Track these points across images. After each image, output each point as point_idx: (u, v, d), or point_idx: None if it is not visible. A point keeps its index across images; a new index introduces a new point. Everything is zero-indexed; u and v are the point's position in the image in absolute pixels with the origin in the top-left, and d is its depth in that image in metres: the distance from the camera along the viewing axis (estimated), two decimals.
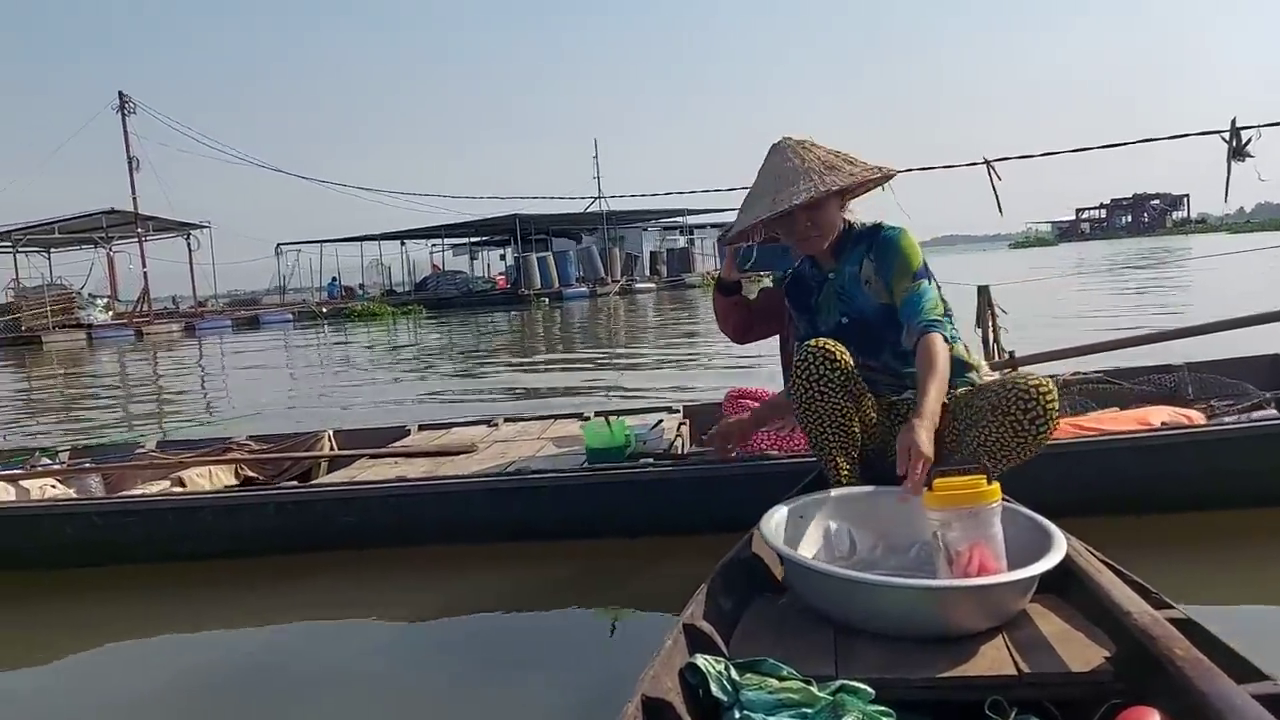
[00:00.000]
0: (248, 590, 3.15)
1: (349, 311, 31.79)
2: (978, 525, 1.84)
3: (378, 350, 16.55)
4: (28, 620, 3.08)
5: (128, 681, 2.55)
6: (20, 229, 31.96)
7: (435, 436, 4.17)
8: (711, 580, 1.91)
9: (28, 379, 15.70)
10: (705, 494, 3.08)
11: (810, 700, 1.47)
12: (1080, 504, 2.58)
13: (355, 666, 2.49)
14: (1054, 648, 1.65)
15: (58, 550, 3.28)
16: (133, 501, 3.44)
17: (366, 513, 3.20)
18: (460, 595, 2.91)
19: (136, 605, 3.10)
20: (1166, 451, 2.92)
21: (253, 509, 3.25)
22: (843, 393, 2.34)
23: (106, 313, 31.51)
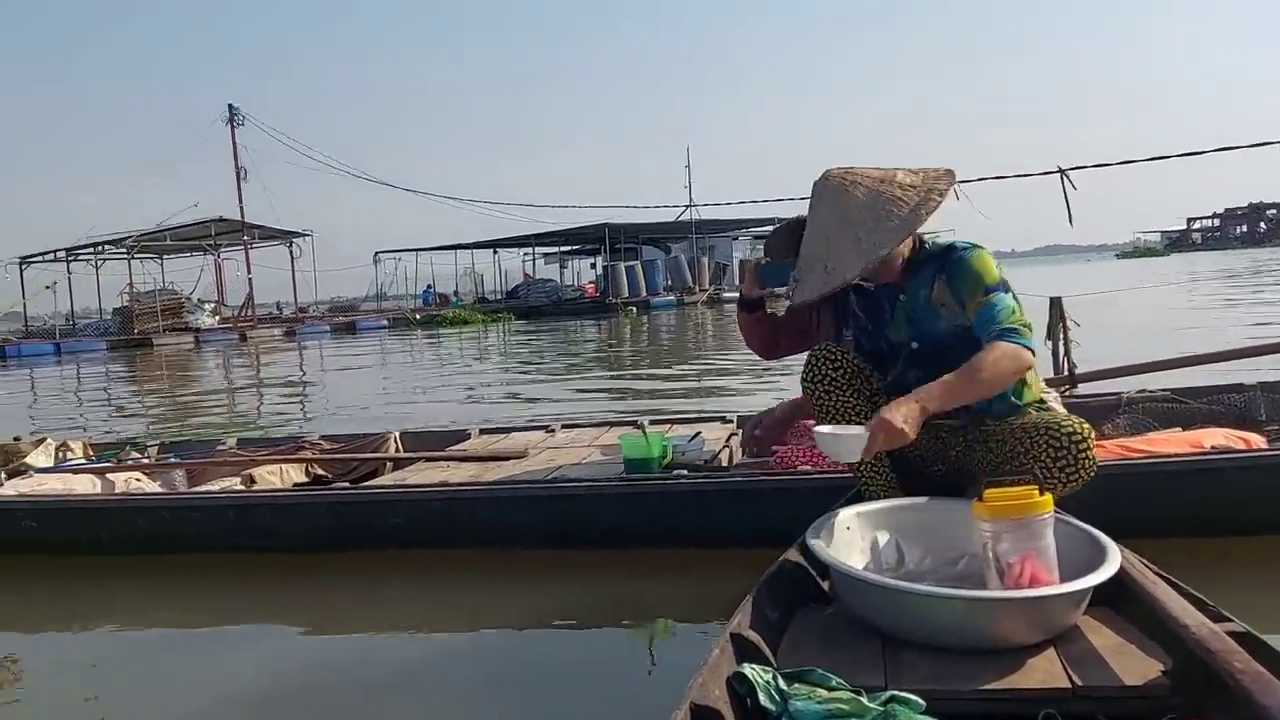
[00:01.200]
0: (300, 585, 3.29)
1: (441, 318, 32.50)
2: (1029, 536, 1.82)
3: (465, 356, 16.91)
4: (104, 602, 3.29)
5: (171, 663, 2.72)
6: (135, 236, 33.65)
7: (494, 441, 4.28)
8: (758, 590, 1.91)
9: (136, 379, 16.54)
10: (739, 507, 3.08)
11: (860, 710, 1.47)
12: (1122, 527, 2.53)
13: (395, 668, 2.56)
14: (1108, 661, 1.63)
15: (132, 540, 3.50)
16: (198, 497, 3.66)
17: (412, 514, 3.30)
18: (501, 601, 2.99)
19: (194, 594, 3.28)
20: (1209, 475, 2.83)
21: (307, 508, 3.42)
22: (850, 390, 2.38)
23: (213, 317, 32.81)
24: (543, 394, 9.58)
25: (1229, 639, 1.50)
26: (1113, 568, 1.76)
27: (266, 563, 3.42)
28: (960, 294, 2.36)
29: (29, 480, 3.95)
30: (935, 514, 2.16)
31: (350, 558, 3.38)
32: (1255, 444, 3.07)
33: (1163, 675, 1.56)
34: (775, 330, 3.25)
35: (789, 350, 3.28)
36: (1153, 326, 11.10)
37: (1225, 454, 2.94)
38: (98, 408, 11.58)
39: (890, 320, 2.51)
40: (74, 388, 15.30)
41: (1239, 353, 4.02)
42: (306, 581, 3.32)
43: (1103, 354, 5.67)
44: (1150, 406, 3.65)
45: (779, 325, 3.26)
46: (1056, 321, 6.78)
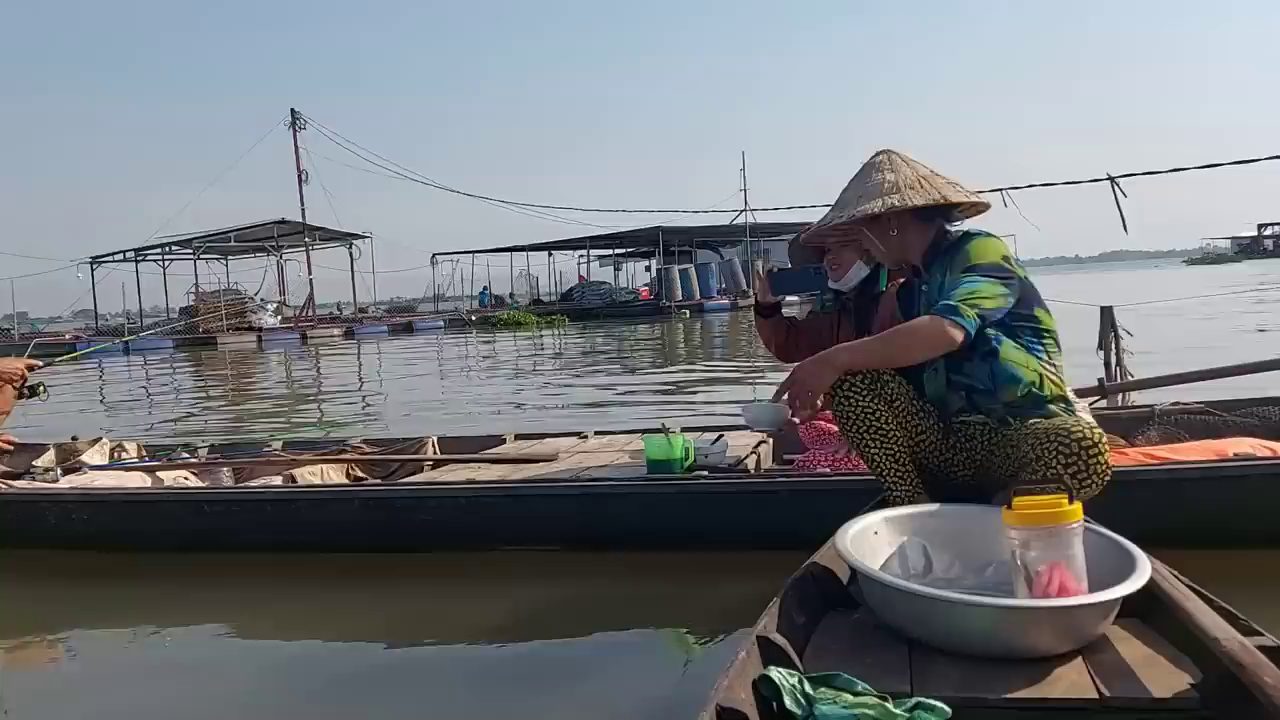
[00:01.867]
0: (333, 583, 3.34)
1: (496, 320, 32.86)
2: (1058, 545, 1.81)
3: (516, 358, 17.06)
4: (142, 597, 3.39)
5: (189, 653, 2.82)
6: (200, 238, 34.55)
7: (528, 445, 4.32)
8: (784, 593, 1.91)
9: (201, 376, 16.98)
10: (757, 509, 3.10)
11: (886, 716, 1.46)
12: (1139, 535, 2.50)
13: (419, 666, 2.60)
14: (1137, 672, 1.61)
15: (172, 534, 3.62)
16: (235, 491, 3.78)
17: (439, 511, 3.36)
18: (525, 600, 3.01)
19: (227, 590, 3.37)
20: (1230, 483, 2.79)
21: (341, 502, 3.50)
22: (870, 395, 2.37)
23: (275, 317, 33.52)
24: (588, 396, 9.64)
25: (1260, 654, 1.48)
26: (1142, 578, 1.74)
27: (300, 561, 3.49)
28: (954, 274, 2.41)
29: (83, 477, 4.09)
30: (964, 520, 2.15)
31: (382, 558, 3.44)
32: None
33: (1191, 688, 1.54)
34: (793, 336, 3.26)
35: (807, 354, 3.29)
36: (1217, 335, 10.78)
37: (1248, 461, 2.87)
38: (159, 405, 11.89)
39: (919, 311, 2.52)
40: (135, 385, 15.73)
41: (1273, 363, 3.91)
42: (339, 579, 3.37)
43: (1157, 365, 5.57)
44: (1183, 419, 3.60)
45: (800, 331, 3.27)
46: (1107, 331, 6.66)
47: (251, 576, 3.47)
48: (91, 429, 6.07)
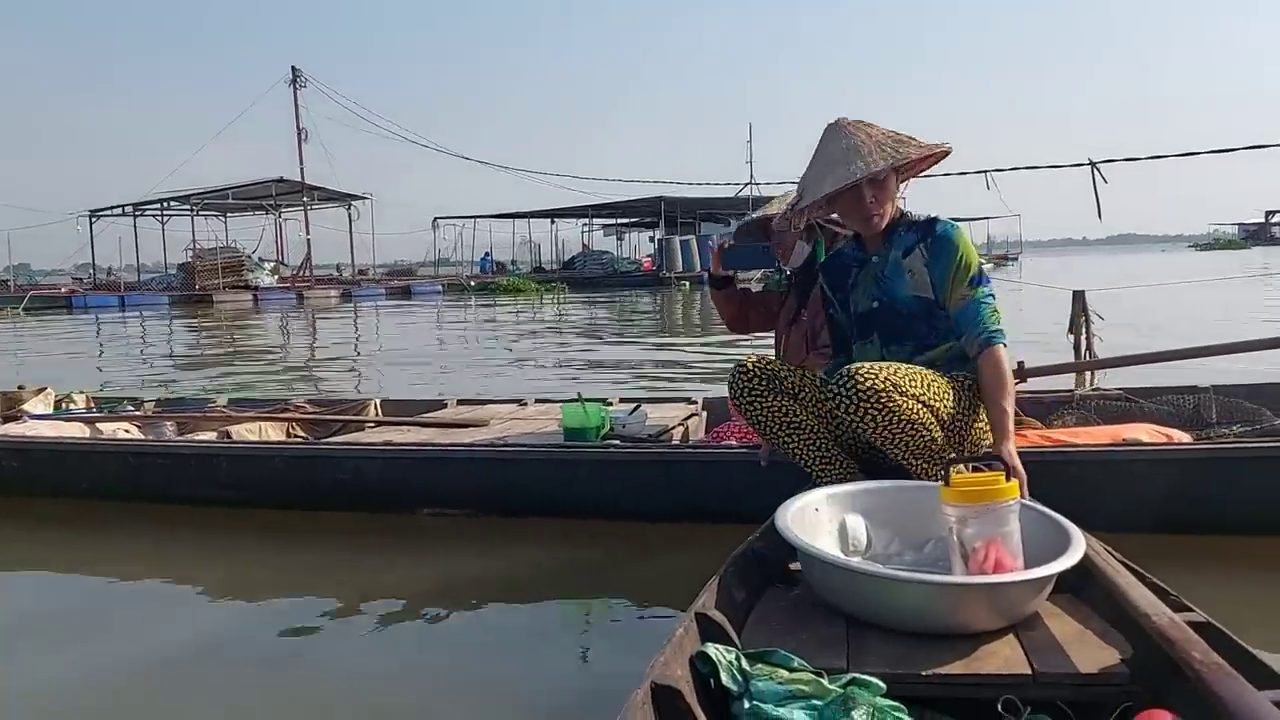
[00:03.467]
0: (250, 540, 3.34)
1: (495, 286, 32.75)
2: (994, 522, 1.83)
3: (510, 325, 16.99)
4: (68, 544, 3.39)
5: (96, 604, 2.80)
6: (198, 194, 34.37)
7: (467, 411, 4.31)
8: (724, 570, 1.93)
9: (193, 332, 16.94)
10: (664, 478, 3.13)
11: (821, 692, 1.47)
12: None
13: (328, 632, 2.53)
14: (1069, 648, 1.64)
15: (102, 484, 3.62)
16: (162, 444, 3.78)
17: (358, 472, 3.36)
18: (439, 565, 2.99)
19: (153, 541, 3.37)
20: (1109, 467, 2.80)
21: (262, 460, 3.51)
22: (771, 393, 2.49)
23: (272, 276, 33.41)
24: (565, 364, 9.58)
25: (1189, 629, 1.49)
26: (1076, 555, 1.76)
27: (223, 515, 3.48)
28: (942, 271, 2.46)
29: (21, 425, 4.05)
30: (904, 498, 2.18)
31: (303, 516, 3.43)
32: (1176, 439, 3.02)
33: (1122, 664, 1.57)
34: (745, 307, 3.30)
35: (759, 326, 3.36)
36: (1206, 322, 10.66)
37: (1131, 446, 2.88)
38: (145, 360, 11.89)
39: (854, 286, 2.61)
40: (126, 339, 15.71)
41: (1190, 352, 3.91)
42: (258, 535, 3.36)
43: (1126, 347, 5.50)
44: (1101, 405, 3.64)
45: (750, 302, 3.31)
46: (1078, 314, 6.61)
47: (174, 529, 3.46)
48: (72, 380, 6.06)
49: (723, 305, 3.29)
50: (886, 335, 2.54)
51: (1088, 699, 1.54)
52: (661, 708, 1.41)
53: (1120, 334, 6.49)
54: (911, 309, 2.51)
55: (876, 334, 2.55)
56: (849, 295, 2.64)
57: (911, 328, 2.51)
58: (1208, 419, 3.50)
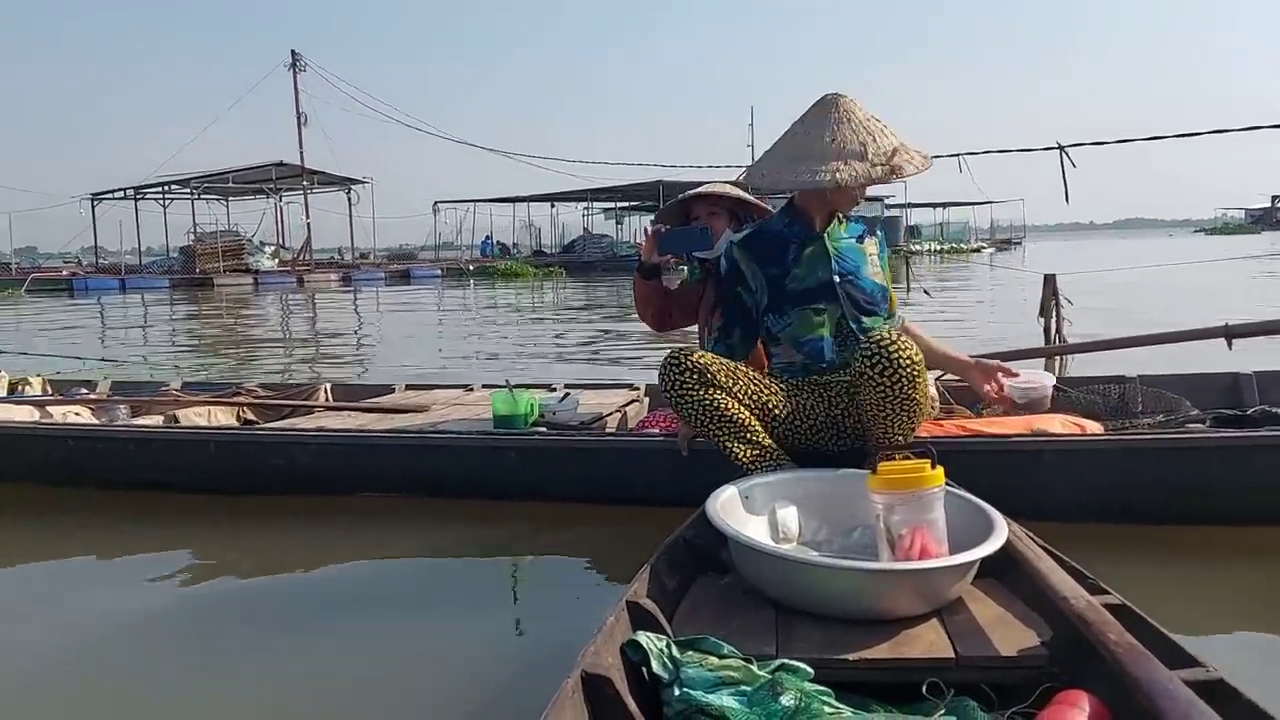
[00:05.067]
0: (183, 525, 3.33)
1: (493, 270, 32.73)
2: (920, 509, 1.86)
3: (501, 310, 16.99)
4: (11, 525, 3.42)
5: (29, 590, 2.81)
6: (198, 178, 34.36)
7: (413, 396, 4.33)
8: (656, 558, 1.94)
9: (191, 316, 16.96)
10: (584, 465, 3.17)
11: (750, 679, 1.49)
12: None
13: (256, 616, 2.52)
14: (992, 631, 1.67)
15: (41, 468, 3.66)
16: (99, 429, 3.80)
17: (293, 458, 3.39)
18: (370, 553, 3.00)
19: (87, 525, 3.37)
20: (1013, 457, 2.83)
21: (197, 444, 3.52)
22: (704, 387, 2.47)
23: (273, 260, 33.42)
24: (542, 350, 9.58)
25: (1105, 611, 1.53)
26: (998, 541, 1.80)
27: (160, 500, 3.51)
28: (884, 262, 2.74)
29: None
30: (834, 485, 2.21)
31: (235, 500, 3.45)
32: (1089, 430, 3.04)
33: (1042, 646, 1.61)
34: (669, 303, 3.23)
35: (679, 323, 3.30)
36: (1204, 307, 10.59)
37: (1037, 437, 2.91)
38: (143, 342, 11.94)
39: (796, 260, 2.63)
40: (124, 322, 15.75)
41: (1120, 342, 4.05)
42: (193, 520, 3.37)
43: (1097, 333, 5.52)
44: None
45: (672, 299, 3.24)
46: (1049, 299, 6.62)
47: (110, 514, 3.47)
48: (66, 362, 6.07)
49: (650, 298, 3.20)
50: (852, 308, 2.61)
51: (1009, 681, 1.57)
52: (592, 696, 1.42)
53: (1090, 319, 6.47)
54: (872, 290, 2.64)
55: (836, 305, 2.60)
56: (787, 270, 2.63)
57: (871, 307, 2.64)
58: (1133, 409, 3.55)
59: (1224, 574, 2.58)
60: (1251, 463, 2.69)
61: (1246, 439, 2.80)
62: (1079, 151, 6.81)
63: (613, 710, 1.42)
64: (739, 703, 1.45)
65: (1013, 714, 1.50)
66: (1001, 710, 1.52)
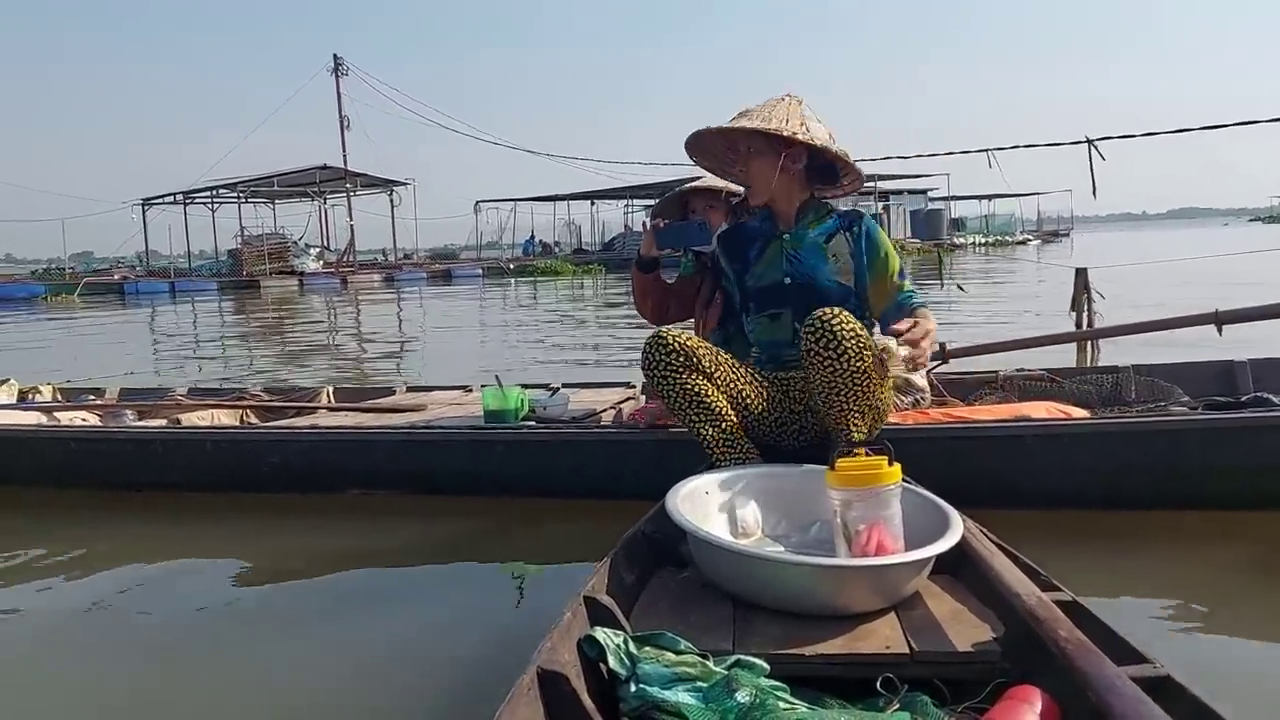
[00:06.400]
0: (184, 524, 3.40)
1: (533, 269, 32.85)
2: (877, 505, 1.87)
3: (540, 308, 17.01)
4: (15, 527, 3.45)
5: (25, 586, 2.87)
6: (244, 182, 34.93)
7: (413, 397, 4.33)
8: (614, 553, 1.94)
9: (240, 320, 17.23)
10: (573, 459, 3.19)
11: (706, 674, 1.50)
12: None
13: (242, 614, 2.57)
14: (946, 627, 1.69)
15: (47, 471, 3.72)
16: (99, 431, 3.87)
17: (287, 456, 3.43)
18: (354, 548, 3.03)
19: (90, 524, 3.43)
20: (997, 443, 2.84)
21: (194, 444, 3.57)
22: (687, 371, 2.46)
23: (317, 262, 33.86)
24: (570, 352, 9.54)
25: (1055, 608, 1.55)
26: (954, 538, 1.81)
27: (160, 500, 3.56)
28: (868, 263, 2.60)
29: None
30: (793, 481, 2.21)
31: (233, 498, 3.51)
32: (1074, 416, 3.03)
33: (995, 642, 1.62)
34: (667, 297, 3.22)
35: (677, 317, 3.27)
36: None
37: (1021, 422, 2.92)
38: (193, 343, 12.19)
39: (757, 258, 2.66)
40: (174, 329, 16.03)
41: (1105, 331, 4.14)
42: (189, 518, 3.43)
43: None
44: (1025, 384, 3.70)
45: (669, 293, 3.22)
46: (1080, 293, 6.47)
47: (112, 513, 3.53)
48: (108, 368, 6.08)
49: (649, 290, 3.19)
50: (800, 312, 2.54)
51: (962, 676, 1.58)
52: (548, 693, 1.41)
53: (1123, 314, 6.33)
54: (831, 291, 2.57)
55: (789, 310, 2.59)
56: (749, 267, 2.67)
57: (825, 302, 2.52)
58: (1126, 397, 3.55)
59: (1193, 560, 2.60)
60: (1230, 445, 2.70)
61: (1222, 421, 2.79)
62: (1126, 142, 6.65)
63: (568, 707, 1.42)
64: (695, 699, 1.45)
65: (965, 709, 1.51)
66: (954, 705, 1.53)
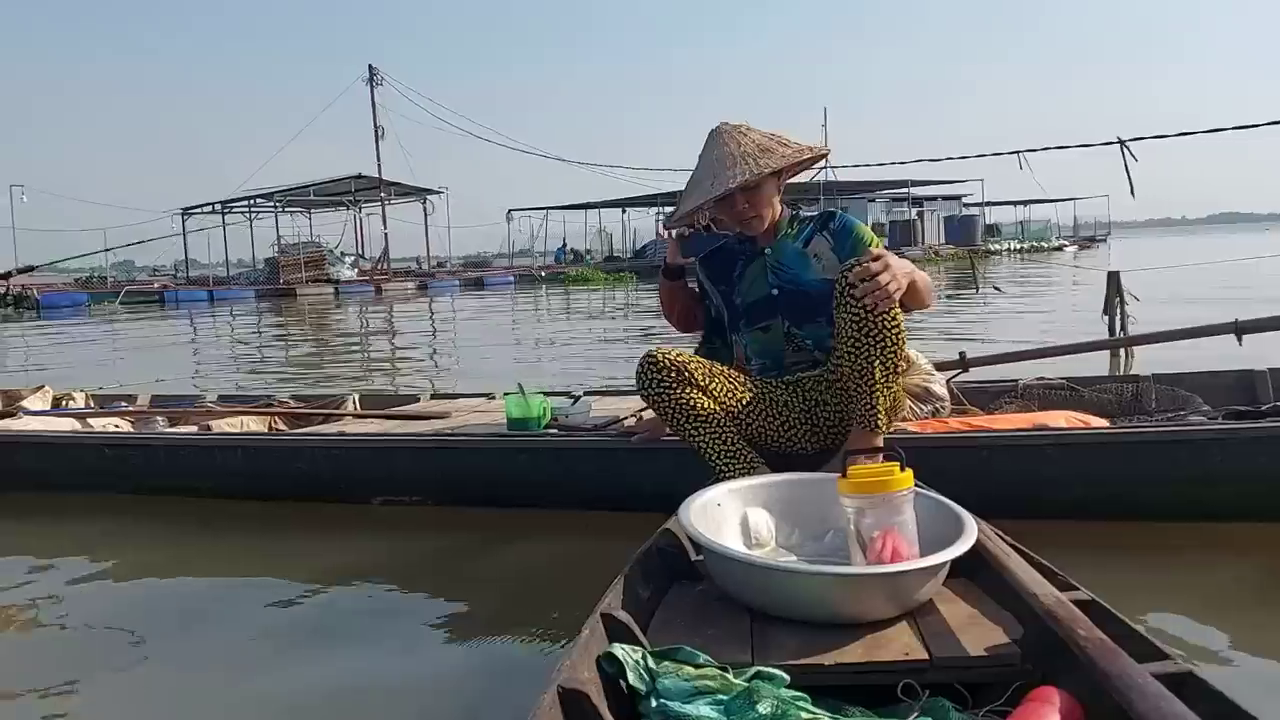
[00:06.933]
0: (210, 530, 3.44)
1: (564, 276, 33.00)
2: (890, 511, 1.86)
3: (568, 315, 17.09)
4: (50, 537, 3.48)
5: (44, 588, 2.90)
6: (281, 192, 35.44)
7: (437, 405, 4.36)
8: (629, 568, 1.94)
9: (276, 325, 17.46)
10: (596, 467, 3.15)
11: (726, 687, 1.49)
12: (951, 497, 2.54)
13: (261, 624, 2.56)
14: (964, 631, 1.68)
15: (78, 476, 3.78)
16: (131, 438, 3.94)
17: (313, 462, 3.46)
18: (374, 557, 3.03)
19: (120, 529, 3.49)
20: (1018, 452, 2.80)
21: (225, 450, 3.62)
22: (680, 385, 2.51)
23: (352, 270, 34.28)
24: (594, 356, 9.56)
25: (1073, 607, 1.54)
26: (968, 542, 1.79)
27: (190, 505, 3.61)
28: (851, 248, 2.58)
29: (16, 421, 4.22)
30: (804, 490, 2.20)
31: (260, 504, 3.55)
32: (1093, 425, 2.99)
33: (1014, 644, 1.61)
34: (693, 302, 3.22)
35: (704, 324, 3.24)
36: None
37: (1038, 431, 2.88)
38: (229, 350, 12.30)
39: (740, 277, 2.70)
40: (193, 334, 16.26)
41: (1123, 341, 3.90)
42: (220, 525, 3.47)
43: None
44: (1044, 393, 3.66)
45: (695, 298, 3.22)
46: (1113, 296, 6.41)
47: (143, 517, 3.59)
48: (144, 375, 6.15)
49: (675, 298, 3.22)
50: (797, 317, 2.63)
51: (983, 680, 1.58)
52: (569, 711, 1.41)
53: (1156, 315, 6.26)
54: (820, 290, 2.57)
55: (781, 317, 2.64)
56: (733, 287, 2.73)
57: (819, 309, 2.58)
58: (1146, 406, 3.51)
59: (1215, 572, 2.58)
60: (1252, 455, 2.66)
61: (1243, 430, 2.73)
62: (1165, 146, 6.59)
63: None
64: (716, 712, 1.45)
65: (987, 712, 1.50)
66: (976, 709, 1.52)
